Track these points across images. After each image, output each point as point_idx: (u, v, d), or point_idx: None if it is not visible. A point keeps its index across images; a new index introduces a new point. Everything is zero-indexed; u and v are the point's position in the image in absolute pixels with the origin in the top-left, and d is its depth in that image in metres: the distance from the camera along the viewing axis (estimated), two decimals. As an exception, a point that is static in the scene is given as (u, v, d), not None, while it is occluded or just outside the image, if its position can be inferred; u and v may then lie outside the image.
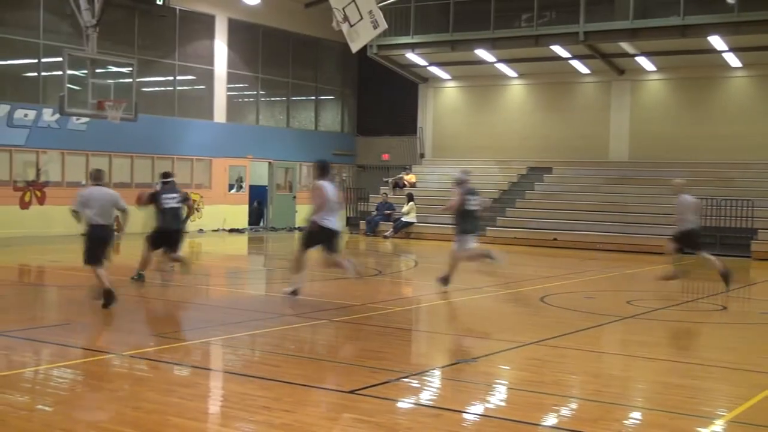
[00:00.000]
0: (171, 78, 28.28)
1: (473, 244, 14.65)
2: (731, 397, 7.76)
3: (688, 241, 15.46)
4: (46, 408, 6.87)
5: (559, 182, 29.00)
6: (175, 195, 14.75)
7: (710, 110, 28.02)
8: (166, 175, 15.42)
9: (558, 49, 28.15)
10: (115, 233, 13.00)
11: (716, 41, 25.62)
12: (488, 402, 7.50)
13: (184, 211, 15.46)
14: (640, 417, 7.15)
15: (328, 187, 13.04)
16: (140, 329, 10.52)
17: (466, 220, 14.44)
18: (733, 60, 27.03)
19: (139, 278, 14.61)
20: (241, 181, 30.89)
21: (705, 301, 15.07)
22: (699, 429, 6.66)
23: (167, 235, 14.64)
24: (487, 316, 12.90)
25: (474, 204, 14.56)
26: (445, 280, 14.48)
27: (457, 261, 14.57)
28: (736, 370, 8.95)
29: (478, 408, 7.24)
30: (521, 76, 31.13)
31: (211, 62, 29.33)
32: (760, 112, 27.21)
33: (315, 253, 13.36)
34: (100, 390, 7.53)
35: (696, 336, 11.21)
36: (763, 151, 26.69)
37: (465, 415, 6.92)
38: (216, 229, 28.83)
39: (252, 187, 31.14)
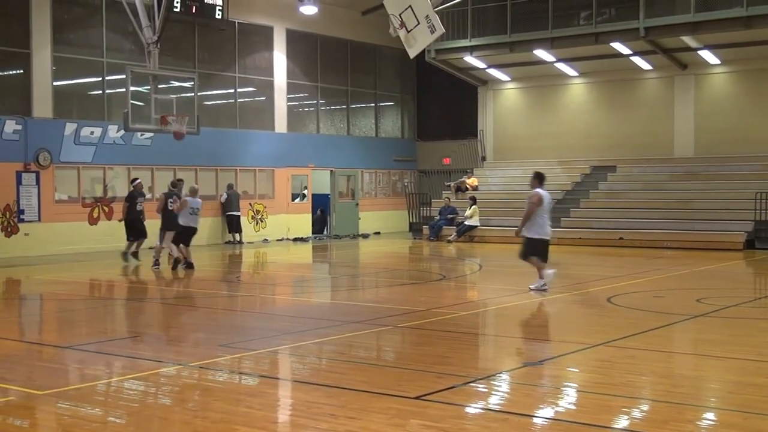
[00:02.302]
0: (232, 90, 28.59)
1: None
2: (808, 395, 7.56)
3: None
4: (118, 420, 6.97)
5: (624, 180, 28.62)
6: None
7: (777, 102, 27.42)
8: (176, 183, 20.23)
9: (618, 46, 27.82)
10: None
11: (782, 31, 25.08)
12: (556, 405, 7.41)
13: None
14: (713, 417, 7.00)
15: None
16: (207, 340, 10.63)
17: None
18: (800, 49, 26.42)
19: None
20: (305, 190, 31.13)
21: (778, 297, 14.72)
22: (775, 428, 6.50)
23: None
24: (553, 318, 12.77)
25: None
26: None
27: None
28: (812, 367, 8.72)
29: (545, 411, 7.16)
30: (582, 74, 30.82)
31: (270, 73, 29.59)
32: (830, 102, 26.55)
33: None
34: (170, 401, 7.62)
35: (769, 333, 10.96)
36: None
37: (533, 419, 6.85)
38: (280, 238, 29.04)
39: (314, 196, 31.35)
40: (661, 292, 15.04)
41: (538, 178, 14.87)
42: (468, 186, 30.76)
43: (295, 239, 29.33)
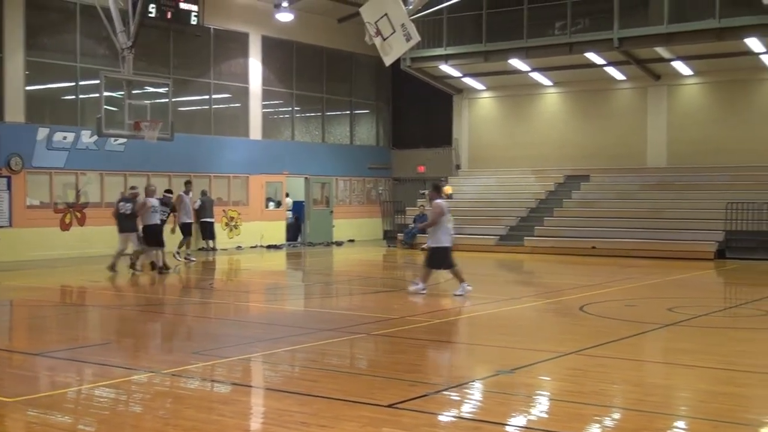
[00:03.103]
0: (206, 96, 28.50)
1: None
2: (777, 404, 7.63)
3: None
4: (87, 428, 6.92)
5: (597, 190, 28.79)
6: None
7: (749, 113, 27.68)
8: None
9: (593, 56, 28.01)
10: None
11: (753, 43, 25.33)
12: (528, 413, 7.43)
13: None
14: (683, 426, 7.05)
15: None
16: (179, 347, 10.57)
17: None
18: (770, 62, 26.71)
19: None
20: (287, 197, 31.17)
21: (748, 307, 14.84)
22: (744, 437, 6.56)
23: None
24: (526, 326, 12.81)
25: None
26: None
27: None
28: (782, 377, 8.80)
29: (518, 420, 7.17)
30: (556, 84, 30.99)
31: (245, 80, 29.53)
32: (801, 114, 26.85)
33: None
34: (141, 408, 7.57)
35: (739, 342, 11.04)
36: (804, 153, 26.33)
37: (505, 427, 6.86)
38: (254, 245, 28.96)
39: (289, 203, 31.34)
40: (633, 301, 15.12)
41: (437, 190, 15.81)
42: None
43: (269, 246, 29.25)
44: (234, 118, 29.60)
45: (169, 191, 22.43)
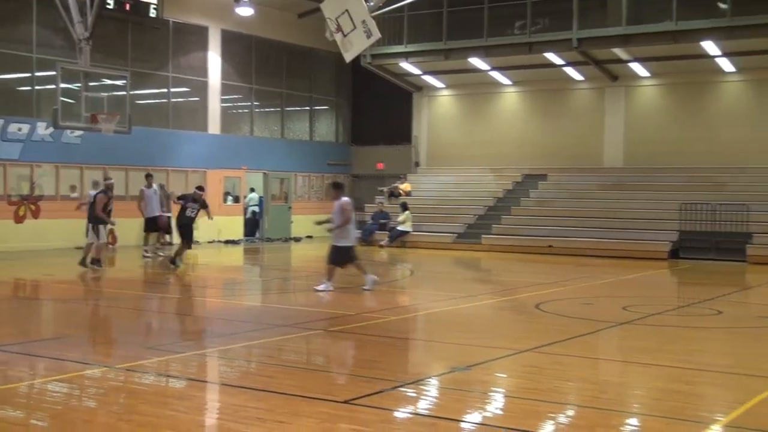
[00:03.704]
0: (165, 90, 28.26)
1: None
2: (728, 402, 7.75)
3: None
4: (40, 423, 6.84)
5: (554, 189, 29.01)
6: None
7: (704, 115, 28.05)
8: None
9: (552, 56, 28.20)
10: None
11: (709, 46, 25.67)
12: (484, 410, 7.47)
13: None
14: (637, 423, 7.12)
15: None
16: (135, 342, 10.48)
17: None
18: (726, 65, 27.05)
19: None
20: (252, 191, 31.06)
21: (700, 306, 15.05)
22: (696, 434, 6.65)
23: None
24: (483, 324, 12.88)
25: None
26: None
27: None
28: (733, 375, 8.93)
29: (474, 416, 7.21)
30: (515, 83, 31.16)
31: (204, 74, 29.32)
32: (754, 117, 27.25)
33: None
34: (94, 404, 7.49)
35: (692, 341, 11.19)
36: (757, 156, 26.73)
37: (461, 424, 6.89)
38: (211, 240, 28.76)
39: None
40: (589, 300, 15.27)
41: (339, 188, 15.95)
42: (401, 191, 30.85)
43: (227, 242, 29.08)
44: (192, 112, 29.39)
45: (200, 188, 21.01)
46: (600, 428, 6.76)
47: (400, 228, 28.11)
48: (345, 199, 15.57)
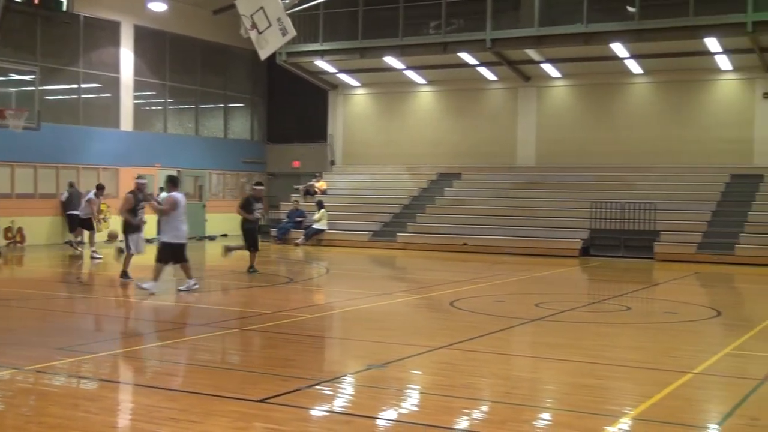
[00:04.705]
0: (75, 86, 27.67)
1: None
2: (636, 395, 7.94)
3: None
4: (-56, 426, 6.65)
5: (469, 188, 29.32)
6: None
7: (613, 116, 28.70)
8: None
9: (466, 56, 28.49)
10: None
11: (618, 48, 26.27)
12: (399, 407, 7.52)
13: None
14: (548, 417, 7.27)
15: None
16: (44, 343, 10.24)
17: None
18: (634, 67, 27.73)
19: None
20: (162, 191, 30.51)
21: (610, 302, 15.41)
22: (606, 428, 6.80)
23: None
24: (398, 321, 12.95)
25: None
26: None
27: None
28: (640, 369, 9.17)
29: (389, 413, 7.25)
30: (430, 83, 31.39)
31: (116, 70, 28.81)
32: (661, 118, 27.98)
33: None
34: (2, 406, 7.31)
35: (602, 336, 11.45)
36: (664, 156, 27.46)
37: (376, 421, 6.93)
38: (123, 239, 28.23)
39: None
40: (502, 297, 15.48)
41: (174, 183, 15.45)
42: (316, 190, 30.81)
43: (139, 240, 28.58)
44: (104, 108, 28.84)
45: (259, 183, 19.29)
46: (512, 423, 6.88)
47: (315, 226, 28.08)
48: (175, 193, 15.13)
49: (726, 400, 7.83)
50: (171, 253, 15.02)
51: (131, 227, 16.75)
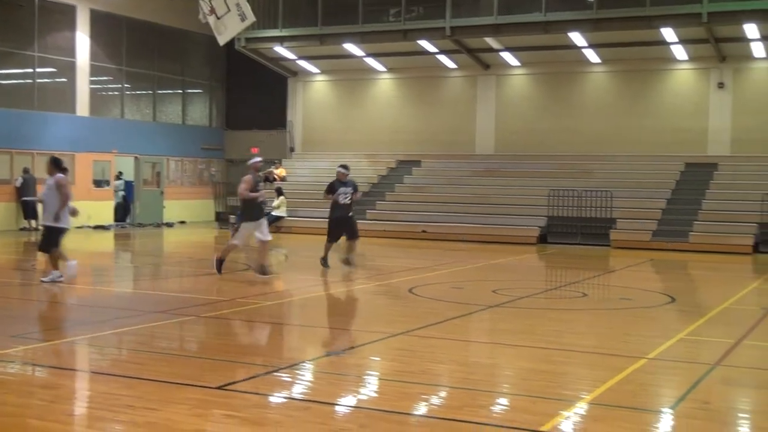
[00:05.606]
0: (30, 70, 27.30)
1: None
2: (591, 380, 8.04)
3: None
4: None
5: (428, 175, 29.41)
6: None
7: (571, 105, 28.91)
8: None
9: (425, 44, 28.51)
10: None
11: (576, 37, 26.45)
12: (357, 393, 7.56)
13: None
14: (505, 402, 7.34)
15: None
16: (-1, 330, 10.13)
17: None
18: (592, 56, 27.94)
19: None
20: (120, 176, 30.35)
21: (566, 289, 15.56)
22: (561, 412, 6.87)
23: None
24: (356, 308, 12.98)
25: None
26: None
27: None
28: (596, 354, 9.28)
29: (347, 399, 7.29)
30: (390, 70, 31.38)
31: (72, 54, 28.45)
32: (618, 107, 28.25)
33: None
34: (-45, 394, 7.24)
35: (558, 322, 11.56)
36: (621, 145, 27.73)
37: (335, 407, 6.95)
38: (80, 225, 28.00)
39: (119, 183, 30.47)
40: (460, 284, 15.57)
41: (57, 165, 14.47)
42: (276, 177, 30.66)
43: (96, 227, 28.37)
44: (60, 93, 28.49)
45: (344, 166, 17.86)
46: (469, 408, 6.94)
47: (274, 213, 27.97)
48: (60, 175, 14.34)
49: (679, 384, 7.96)
50: (57, 239, 14.37)
51: (251, 214, 15.50)
